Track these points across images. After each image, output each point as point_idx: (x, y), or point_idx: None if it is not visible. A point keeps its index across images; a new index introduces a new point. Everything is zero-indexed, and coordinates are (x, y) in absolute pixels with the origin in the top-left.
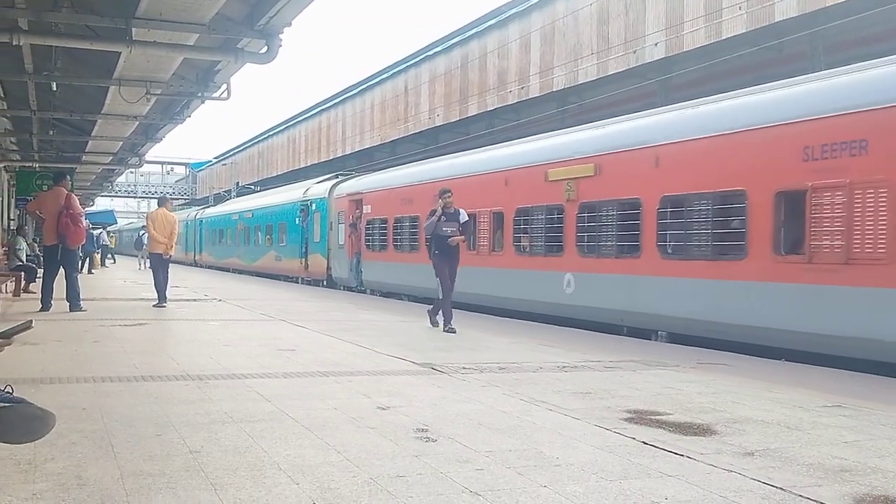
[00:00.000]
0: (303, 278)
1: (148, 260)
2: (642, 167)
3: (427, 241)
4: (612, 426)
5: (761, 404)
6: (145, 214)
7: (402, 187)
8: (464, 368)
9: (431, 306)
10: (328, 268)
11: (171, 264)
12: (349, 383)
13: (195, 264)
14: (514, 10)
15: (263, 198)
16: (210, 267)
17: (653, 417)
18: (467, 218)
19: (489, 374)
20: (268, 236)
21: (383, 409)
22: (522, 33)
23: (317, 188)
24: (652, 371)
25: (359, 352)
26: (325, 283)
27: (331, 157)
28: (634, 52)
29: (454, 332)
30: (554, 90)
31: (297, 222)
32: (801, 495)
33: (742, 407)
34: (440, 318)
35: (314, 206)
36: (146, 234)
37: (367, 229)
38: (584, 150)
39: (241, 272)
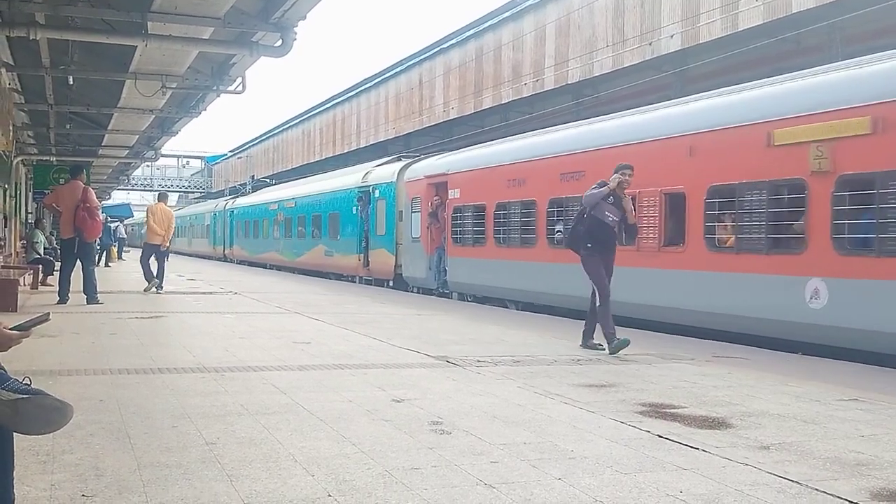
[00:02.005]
0: (361, 277)
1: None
2: None
3: (572, 229)
4: (626, 419)
5: (777, 398)
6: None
7: (509, 165)
8: (478, 361)
9: (585, 324)
10: (396, 266)
11: (194, 258)
12: (364, 376)
13: (224, 259)
14: (529, 3)
15: (308, 185)
16: (243, 262)
17: (668, 410)
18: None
19: (504, 366)
20: (315, 228)
21: (398, 401)
22: (537, 25)
23: (380, 171)
24: (667, 364)
25: (374, 344)
26: (390, 283)
27: (345, 151)
28: (650, 44)
29: (627, 344)
30: (569, 83)
31: (353, 212)
32: (817, 489)
33: (758, 400)
34: (598, 338)
35: (377, 192)
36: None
37: (454, 219)
38: (849, 95)
39: (280, 268)
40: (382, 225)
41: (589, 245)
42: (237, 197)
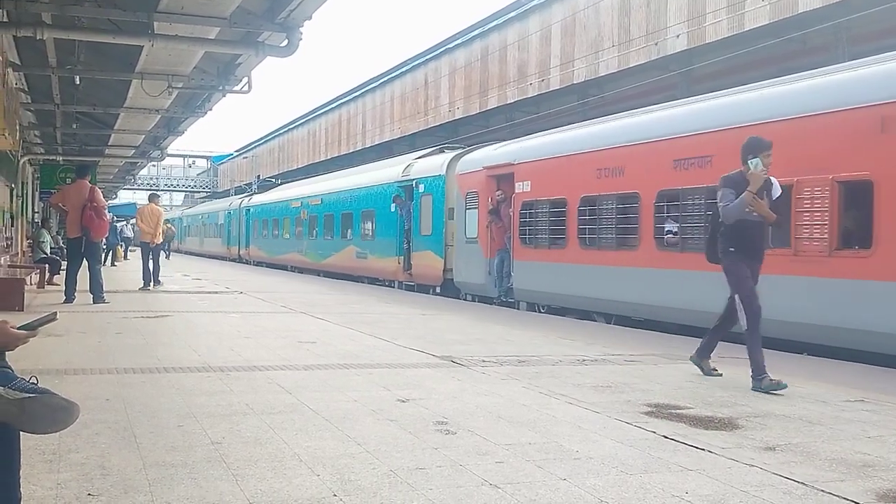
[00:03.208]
0: (401, 283)
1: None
2: None
3: (709, 238)
4: (632, 420)
5: (783, 398)
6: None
7: (600, 151)
8: (483, 361)
9: (706, 338)
10: (446, 269)
11: (206, 259)
12: (369, 376)
13: (239, 260)
14: (534, 3)
15: (336, 180)
16: (260, 263)
17: (673, 411)
18: (780, 191)
19: (509, 367)
20: (346, 228)
21: (403, 401)
22: (543, 25)
23: (425, 164)
24: (673, 365)
25: (379, 344)
26: (437, 289)
27: (351, 151)
28: (656, 43)
29: (784, 388)
30: (574, 83)
31: (391, 209)
32: (823, 490)
33: (763, 401)
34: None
35: (422, 187)
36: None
37: (523, 216)
38: None
39: (303, 271)
40: (428, 224)
41: (732, 249)
42: (254, 194)
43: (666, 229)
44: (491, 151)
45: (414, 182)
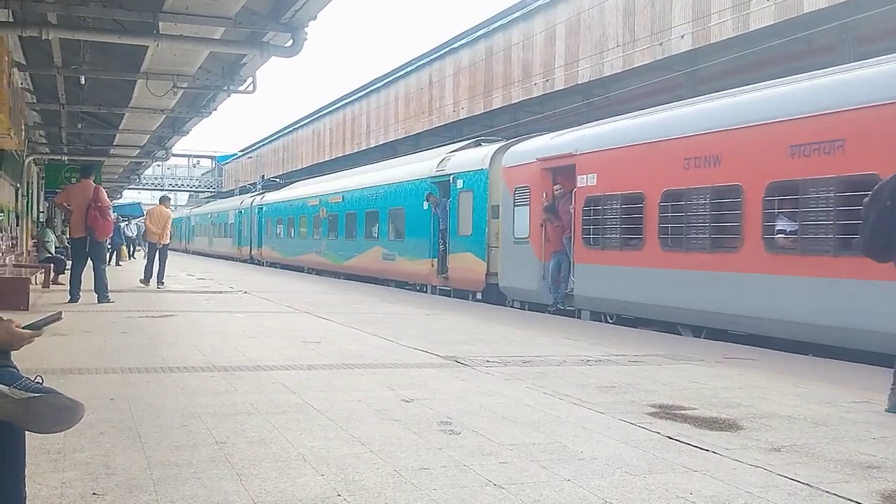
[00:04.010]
0: (434, 287)
1: (145, 246)
2: None
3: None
4: (636, 420)
5: (788, 399)
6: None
7: (689, 138)
8: (487, 361)
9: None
10: (489, 273)
11: (219, 260)
12: (373, 376)
13: (251, 261)
14: (539, 3)
15: (359, 176)
16: (274, 265)
17: (678, 412)
18: None
19: (513, 367)
20: (370, 227)
21: (407, 401)
22: (548, 25)
23: (464, 157)
24: (677, 365)
25: (383, 344)
26: (478, 295)
27: (355, 150)
28: (661, 44)
29: None
30: (579, 83)
31: (423, 207)
32: (828, 491)
33: (768, 402)
34: None
35: (461, 182)
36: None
37: (587, 213)
38: None
39: (321, 273)
40: (468, 223)
41: None
42: (266, 192)
43: (777, 228)
44: (546, 141)
45: (451, 177)
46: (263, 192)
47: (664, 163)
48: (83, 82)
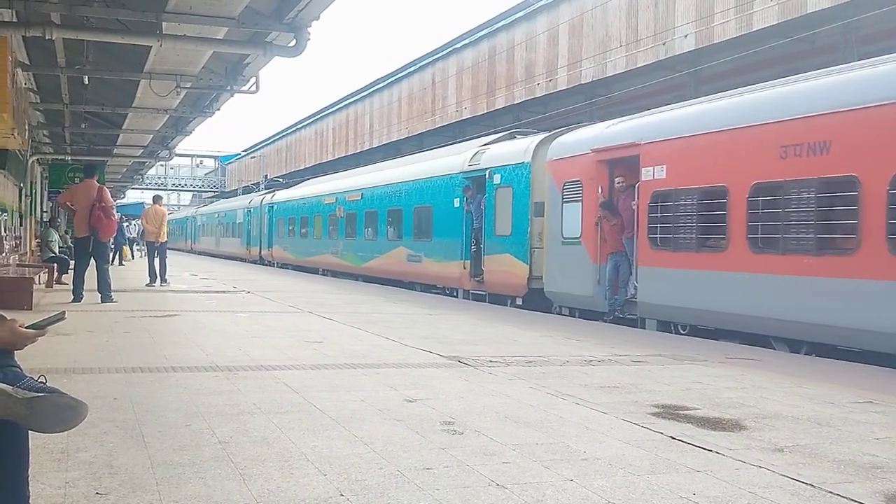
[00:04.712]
0: (467, 291)
1: (145, 247)
2: None
3: None
4: (639, 420)
5: (791, 400)
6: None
7: (785, 122)
8: (490, 361)
9: None
10: (531, 277)
11: (227, 261)
12: (376, 375)
13: (261, 262)
14: (542, 3)
15: (379, 173)
16: (286, 266)
17: (681, 412)
18: None
19: (516, 367)
20: (393, 226)
21: (410, 401)
22: (551, 25)
23: (502, 150)
24: (680, 365)
25: (386, 344)
26: (519, 300)
27: (358, 150)
28: (664, 44)
29: None
30: (582, 83)
31: (454, 205)
32: (831, 492)
33: (771, 402)
34: None
35: (498, 177)
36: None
37: (654, 210)
38: None
39: (339, 275)
40: (506, 221)
41: None
42: (277, 190)
43: None
44: (601, 130)
45: (487, 172)
46: (274, 191)
47: (754, 152)
48: (86, 82)
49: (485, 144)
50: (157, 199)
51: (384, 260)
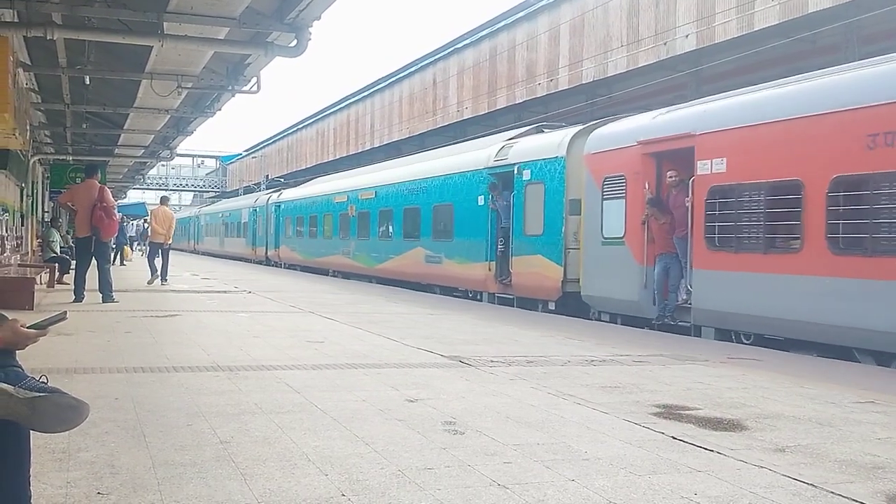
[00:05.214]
0: (492, 294)
1: (148, 247)
2: None
3: None
4: (641, 420)
5: (792, 400)
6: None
7: (873, 108)
8: (492, 361)
9: None
10: (566, 280)
11: (231, 262)
12: (378, 375)
13: (267, 262)
14: (543, 2)
15: (393, 170)
16: (293, 266)
17: (682, 412)
18: None
19: (517, 367)
20: (411, 225)
21: (411, 401)
22: (552, 25)
23: (531, 144)
24: (681, 365)
25: (387, 344)
26: (551, 304)
27: (359, 150)
28: (665, 43)
29: None
30: (583, 83)
31: (479, 203)
32: (833, 492)
33: (773, 402)
34: None
35: (528, 173)
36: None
37: (711, 207)
38: None
39: (351, 276)
40: (537, 220)
41: None
42: (284, 189)
43: None
44: (648, 121)
45: (515, 168)
46: (280, 189)
47: (834, 142)
48: (88, 82)
49: (511, 139)
50: (164, 201)
51: (400, 261)
